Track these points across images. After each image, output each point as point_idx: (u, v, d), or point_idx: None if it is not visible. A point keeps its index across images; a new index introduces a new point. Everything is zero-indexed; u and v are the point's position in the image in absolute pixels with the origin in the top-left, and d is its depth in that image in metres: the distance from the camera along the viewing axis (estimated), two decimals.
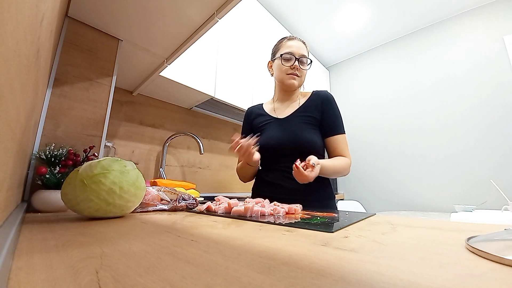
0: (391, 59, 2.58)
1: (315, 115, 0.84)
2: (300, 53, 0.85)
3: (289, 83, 0.86)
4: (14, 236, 0.26)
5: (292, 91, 0.91)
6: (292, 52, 0.84)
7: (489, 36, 2.01)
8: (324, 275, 0.17)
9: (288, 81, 0.86)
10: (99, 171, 0.41)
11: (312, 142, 0.80)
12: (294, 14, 2.26)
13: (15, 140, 0.27)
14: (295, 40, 0.88)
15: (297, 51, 0.85)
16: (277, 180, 0.82)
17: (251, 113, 0.98)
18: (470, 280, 0.16)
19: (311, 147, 0.79)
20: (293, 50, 0.85)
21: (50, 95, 0.66)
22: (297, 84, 0.87)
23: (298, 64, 0.84)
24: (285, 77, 0.86)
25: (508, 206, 1.36)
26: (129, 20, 0.76)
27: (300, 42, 0.88)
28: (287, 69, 0.85)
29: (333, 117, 0.83)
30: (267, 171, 0.87)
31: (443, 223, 0.40)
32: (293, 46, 0.85)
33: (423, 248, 0.24)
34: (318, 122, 0.84)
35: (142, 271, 0.17)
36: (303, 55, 0.85)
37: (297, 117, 0.85)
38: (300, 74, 0.86)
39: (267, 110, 0.94)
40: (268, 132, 0.87)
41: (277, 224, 0.38)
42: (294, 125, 0.83)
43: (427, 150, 2.18)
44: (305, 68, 0.87)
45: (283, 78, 0.87)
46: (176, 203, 0.58)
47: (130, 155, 1.32)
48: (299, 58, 0.84)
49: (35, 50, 0.30)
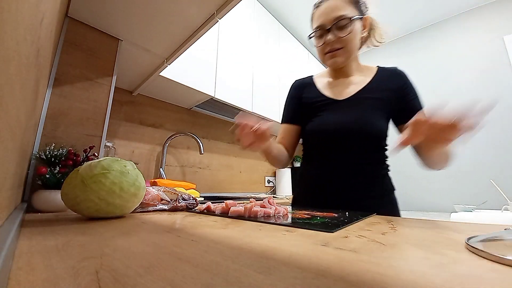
0: (391, 59, 2.58)
1: (385, 97, 0.68)
2: (332, 18, 0.66)
3: (330, 64, 0.72)
4: (14, 236, 0.26)
5: (343, 68, 0.74)
6: (322, 23, 0.68)
7: (489, 36, 2.01)
8: (324, 275, 0.17)
9: (328, 62, 0.71)
10: (99, 171, 0.41)
11: (381, 131, 0.66)
12: (294, 14, 2.26)
13: (15, 140, 0.27)
14: (322, 4, 0.69)
15: (326, 18, 0.67)
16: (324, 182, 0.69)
17: (300, 86, 0.80)
18: (470, 280, 0.16)
19: (379, 137, 0.67)
20: (322, 20, 0.68)
21: (50, 95, 0.66)
22: (340, 60, 0.70)
23: (334, 35, 0.67)
24: (324, 58, 0.72)
25: (508, 206, 1.37)
26: (129, 20, 0.76)
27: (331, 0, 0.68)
28: (323, 48, 0.70)
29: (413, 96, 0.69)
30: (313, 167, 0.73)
31: (443, 223, 0.40)
32: (321, 15, 0.68)
33: (423, 248, 0.24)
34: (390, 106, 0.68)
35: (142, 271, 0.17)
36: (338, 17, 0.65)
37: (363, 100, 0.69)
38: (341, 44, 0.67)
39: (320, 86, 0.77)
40: (325, 116, 0.71)
41: (277, 224, 0.38)
42: (359, 109, 0.67)
43: None
44: (345, 34, 0.66)
45: (322, 59, 0.73)
46: (176, 203, 0.58)
47: (130, 155, 1.32)
48: (332, 25, 0.66)
49: (35, 50, 0.30)
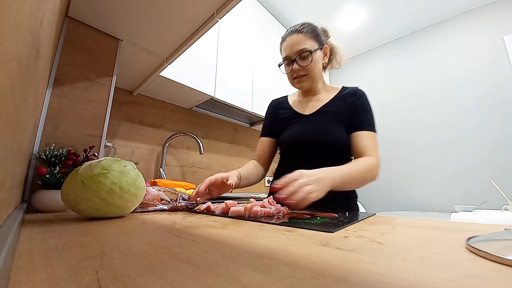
0: (391, 59, 2.58)
1: (343, 111, 0.77)
2: (295, 51, 0.76)
3: (298, 87, 0.84)
4: (14, 236, 0.26)
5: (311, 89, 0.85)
6: (287, 55, 0.78)
7: (489, 36, 2.01)
8: (324, 275, 0.17)
9: (296, 86, 0.83)
10: (99, 171, 0.41)
11: (340, 140, 0.74)
12: (294, 14, 2.26)
13: (15, 140, 0.27)
14: (287, 39, 0.79)
15: (291, 50, 0.77)
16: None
17: (276, 105, 0.93)
18: (470, 280, 0.16)
19: (338, 146, 0.75)
20: (287, 52, 0.78)
21: (50, 95, 0.66)
22: (306, 85, 0.81)
23: (298, 64, 0.77)
24: (293, 82, 0.83)
25: (508, 206, 1.37)
26: (129, 20, 0.76)
27: (293, 36, 0.77)
28: (291, 75, 0.81)
29: (362, 112, 0.76)
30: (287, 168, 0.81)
31: (443, 223, 0.40)
32: (286, 48, 0.79)
33: (423, 248, 0.24)
34: (346, 119, 0.77)
35: (142, 271, 0.17)
36: (300, 51, 0.75)
37: (324, 113, 0.79)
38: (305, 72, 0.78)
39: (293, 104, 0.89)
40: (294, 128, 0.82)
41: (277, 224, 0.38)
42: (321, 122, 0.78)
43: (427, 150, 2.18)
44: (306, 64, 0.76)
45: (291, 83, 0.84)
46: (176, 203, 0.58)
47: (130, 155, 1.32)
48: (296, 56, 0.76)
49: (35, 50, 0.30)
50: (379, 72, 2.65)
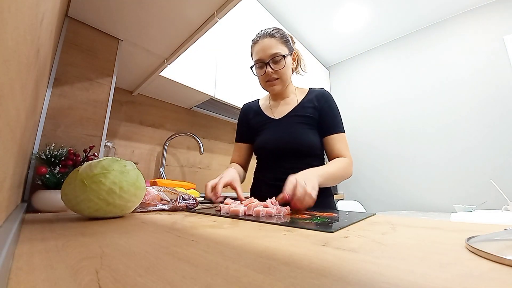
0: (392, 59, 2.58)
1: (312, 114, 0.81)
2: (268, 54, 0.77)
3: (270, 90, 0.85)
4: (14, 236, 0.26)
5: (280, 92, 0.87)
6: (260, 58, 0.79)
7: (489, 36, 2.01)
8: (324, 275, 0.17)
9: (269, 89, 0.84)
10: (99, 171, 0.41)
11: (310, 143, 0.78)
12: (294, 14, 2.26)
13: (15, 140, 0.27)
14: (259, 42, 0.80)
15: (264, 54, 0.78)
16: (275, 181, 0.80)
17: (248, 110, 0.95)
18: (470, 280, 0.16)
19: (309, 149, 0.79)
20: (260, 55, 0.79)
21: (50, 95, 0.66)
22: (278, 88, 0.83)
23: (271, 68, 0.78)
24: (265, 86, 0.84)
25: (508, 206, 1.37)
26: (129, 20, 0.76)
27: (266, 39, 0.78)
28: (263, 78, 0.82)
29: (331, 116, 0.80)
30: (264, 172, 0.86)
31: (443, 223, 0.40)
32: (259, 51, 0.79)
33: (423, 248, 0.24)
34: (316, 121, 0.81)
35: (142, 271, 0.17)
36: (273, 54, 0.77)
37: (293, 117, 0.83)
38: (278, 75, 0.80)
39: (263, 108, 0.92)
40: (266, 133, 0.86)
41: (277, 224, 0.38)
42: (291, 126, 0.81)
43: (427, 150, 2.18)
44: (279, 67, 0.78)
45: (263, 86, 0.85)
46: (176, 203, 0.58)
47: (130, 155, 1.32)
48: (269, 60, 0.78)
49: (35, 50, 0.30)
50: (379, 72, 2.65)
